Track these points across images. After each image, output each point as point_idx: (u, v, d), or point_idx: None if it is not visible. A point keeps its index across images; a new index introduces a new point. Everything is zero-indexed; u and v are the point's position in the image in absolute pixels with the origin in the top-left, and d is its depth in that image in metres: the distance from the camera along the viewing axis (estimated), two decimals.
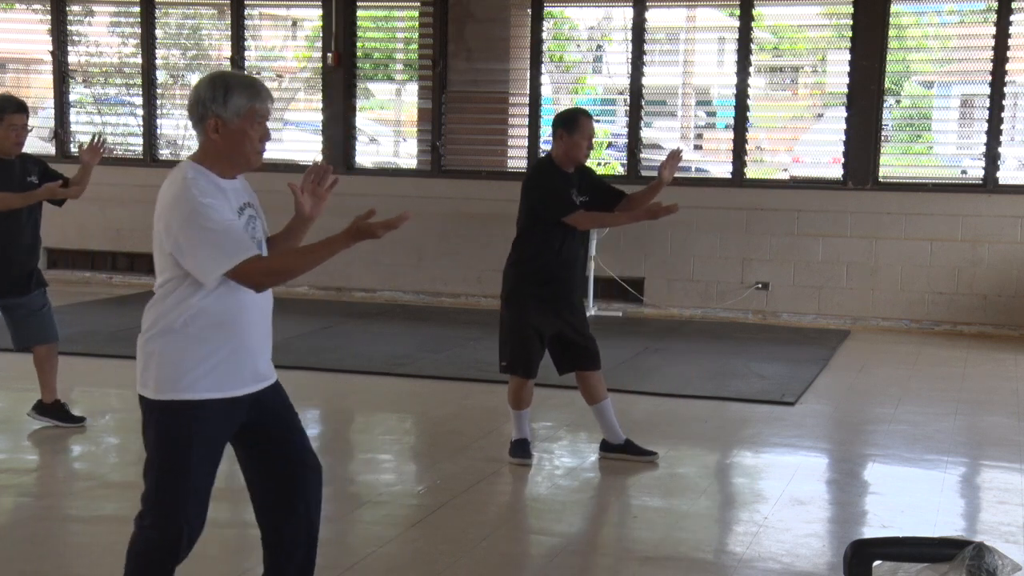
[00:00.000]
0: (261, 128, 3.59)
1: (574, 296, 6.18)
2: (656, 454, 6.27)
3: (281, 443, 3.73)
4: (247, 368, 3.61)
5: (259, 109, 3.56)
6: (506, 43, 11.46)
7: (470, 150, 11.63)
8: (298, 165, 11.99)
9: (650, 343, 9.62)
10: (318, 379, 8.15)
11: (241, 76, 3.65)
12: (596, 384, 6.24)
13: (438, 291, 11.52)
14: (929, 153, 11.69)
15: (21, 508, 5.56)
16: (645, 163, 11.11)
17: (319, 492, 3.78)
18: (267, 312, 3.74)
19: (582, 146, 6.00)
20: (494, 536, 5.17)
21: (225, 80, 3.56)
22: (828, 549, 5.04)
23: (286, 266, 3.61)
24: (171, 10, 12.47)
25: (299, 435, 3.78)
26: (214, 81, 3.56)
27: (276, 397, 3.74)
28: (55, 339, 6.66)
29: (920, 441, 6.83)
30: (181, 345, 3.51)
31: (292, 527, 3.74)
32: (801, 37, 11.97)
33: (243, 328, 3.58)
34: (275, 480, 3.72)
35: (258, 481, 3.74)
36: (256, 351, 3.65)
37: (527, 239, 6.06)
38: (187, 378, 3.51)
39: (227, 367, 3.56)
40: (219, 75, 3.61)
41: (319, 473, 3.78)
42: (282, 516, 3.73)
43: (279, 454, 3.72)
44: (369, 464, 6.42)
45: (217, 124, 3.52)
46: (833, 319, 10.63)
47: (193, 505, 3.58)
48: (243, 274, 3.46)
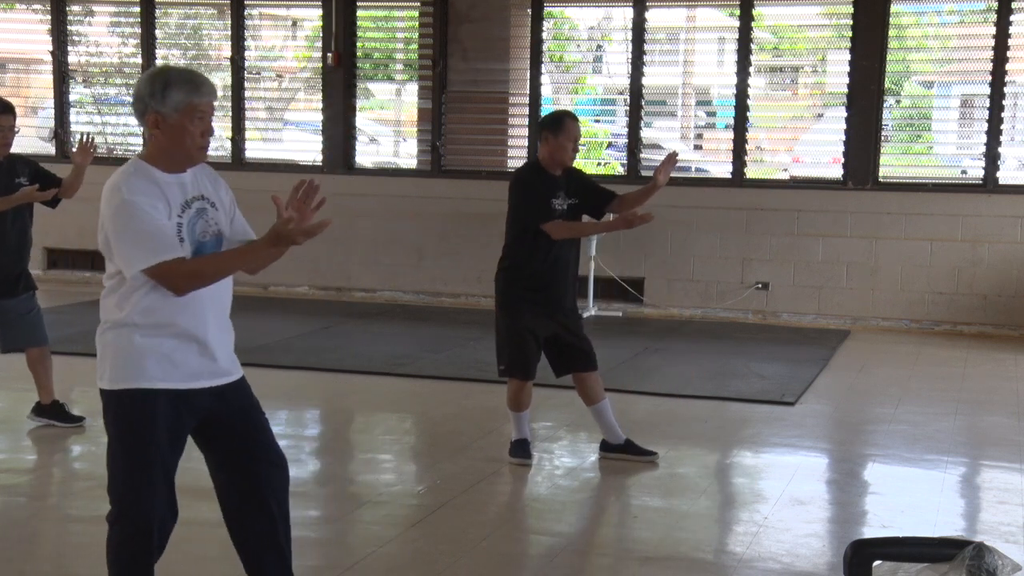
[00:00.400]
0: (202, 123, 3.58)
1: (566, 299, 6.15)
2: (656, 454, 6.27)
3: (245, 439, 3.74)
4: (198, 361, 3.61)
5: (198, 104, 3.55)
6: (506, 43, 11.46)
7: (470, 150, 11.63)
8: (298, 165, 12.02)
9: (650, 343, 9.62)
10: (318, 379, 8.15)
11: (181, 71, 3.64)
12: (593, 385, 6.23)
13: (438, 291, 11.52)
14: (929, 153, 11.69)
15: (21, 508, 5.56)
16: (645, 163, 11.10)
17: (286, 488, 3.80)
18: (221, 307, 3.71)
19: (567, 148, 5.98)
20: (494, 536, 5.17)
21: (164, 75, 3.58)
22: (828, 549, 5.04)
23: (205, 270, 3.57)
24: (171, 10, 12.47)
25: (264, 433, 3.78)
26: (153, 77, 3.58)
27: (240, 394, 3.74)
28: (44, 343, 6.62)
29: (920, 441, 6.83)
30: (131, 337, 3.54)
31: (261, 525, 3.75)
32: (801, 37, 11.97)
33: (191, 322, 3.59)
34: (241, 476, 3.73)
35: (224, 479, 3.76)
36: (210, 345, 3.64)
37: (518, 244, 6.05)
38: (138, 368, 3.54)
39: (176, 358, 3.58)
40: (159, 70, 3.63)
41: (285, 470, 3.79)
42: (249, 513, 3.75)
43: (243, 450, 3.73)
44: (369, 464, 6.42)
45: (157, 119, 3.55)
46: (833, 319, 10.63)
47: (156, 495, 3.59)
48: (162, 275, 3.48)
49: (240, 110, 12.02)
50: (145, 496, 3.59)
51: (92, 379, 3.70)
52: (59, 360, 6.94)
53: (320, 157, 11.82)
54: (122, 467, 3.61)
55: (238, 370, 3.76)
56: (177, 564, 4.45)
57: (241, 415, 3.74)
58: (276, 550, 3.80)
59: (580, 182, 6.16)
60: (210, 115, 3.61)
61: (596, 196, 6.18)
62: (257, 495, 3.73)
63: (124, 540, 3.64)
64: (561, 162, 6.02)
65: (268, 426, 3.82)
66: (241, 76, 11.99)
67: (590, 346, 6.22)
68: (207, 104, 3.58)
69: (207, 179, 3.71)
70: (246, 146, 12.13)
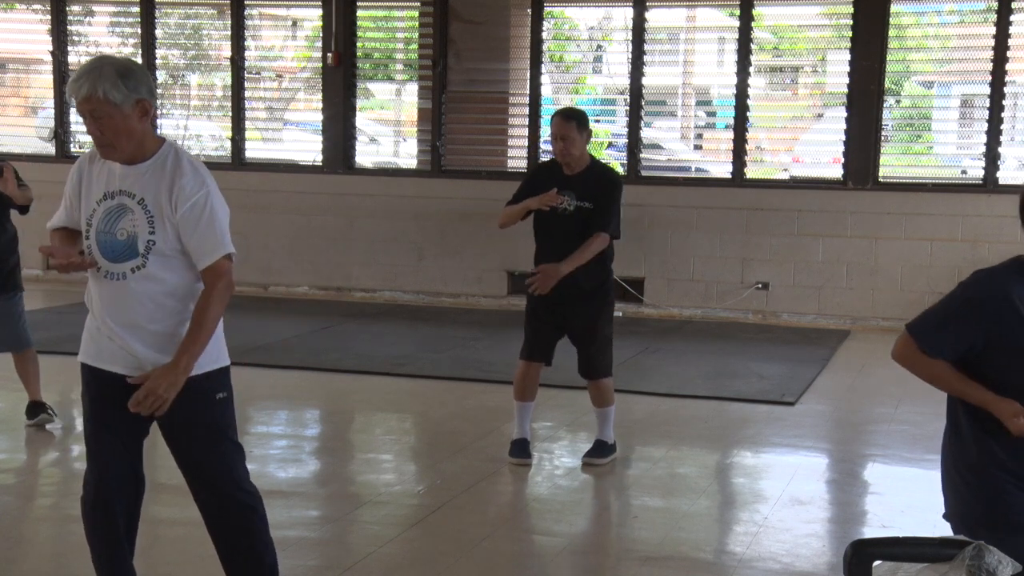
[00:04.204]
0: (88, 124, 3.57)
1: (566, 296, 5.94)
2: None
3: (169, 441, 3.80)
4: (111, 347, 3.67)
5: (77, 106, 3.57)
6: (506, 43, 11.46)
7: (470, 150, 11.63)
8: (298, 165, 12.02)
9: (650, 343, 9.62)
10: (318, 379, 8.15)
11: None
12: (594, 393, 6.23)
13: (438, 291, 11.52)
14: (929, 153, 11.69)
15: (21, 508, 5.56)
16: (645, 163, 11.10)
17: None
18: (128, 300, 3.62)
19: (553, 145, 6.02)
20: (494, 536, 5.17)
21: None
22: (828, 549, 5.04)
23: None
24: (171, 10, 12.46)
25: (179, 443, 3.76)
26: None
27: (175, 403, 3.61)
28: (26, 347, 6.57)
29: (920, 441, 6.82)
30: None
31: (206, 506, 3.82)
32: (801, 37, 11.98)
33: (98, 306, 3.69)
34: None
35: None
36: (122, 335, 3.64)
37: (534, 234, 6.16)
38: (81, 343, 3.79)
39: (91, 338, 3.76)
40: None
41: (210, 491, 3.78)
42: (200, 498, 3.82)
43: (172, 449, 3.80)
44: (369, 464, 6.42)
45: None
46: (833, 319, 10.63)
47: (93, 458, 3.77)
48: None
49: (240, 110, 12.01)
50: (89, 458, 3.83)
51: None
52: (59, 360, 6.94)
53: (320, 157, 11.81)
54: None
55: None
56: (177, 564, 4.45)
57: (166, 417, 3.69)
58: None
59: (599, 191, 5.95)
60: (87, 117, 3.52)
61: (593, 216, 5.94)
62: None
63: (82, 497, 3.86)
64: (557, 158, 6.05)
65: (189, 437, 3.78)
66: (241, 76, 11.98)
67: (594, 352, 6.12)
68: (78, 106, 3.53)
69: (157, 180, 3.57)
70: (246, 146, 12.12)
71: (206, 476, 3.76)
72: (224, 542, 3.79)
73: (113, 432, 3.73)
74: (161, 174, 3.57)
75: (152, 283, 3.59)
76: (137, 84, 3.51)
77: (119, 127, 3.50)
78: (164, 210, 3.55)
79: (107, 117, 3.48)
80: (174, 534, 3.88)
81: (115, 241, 3.58)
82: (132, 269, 3.58)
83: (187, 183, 3.55)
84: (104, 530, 3.78)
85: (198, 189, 3.55)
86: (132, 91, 3.49)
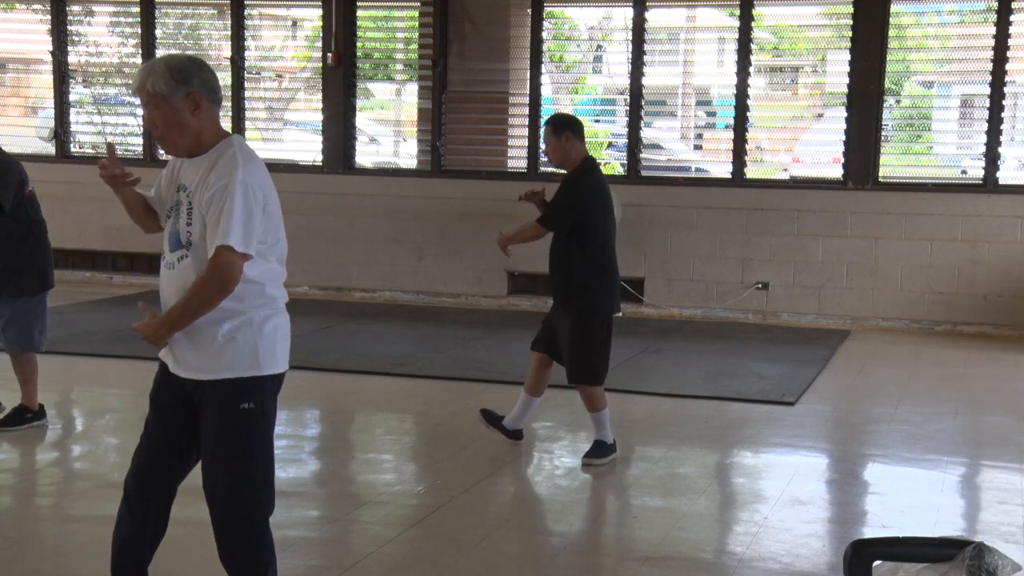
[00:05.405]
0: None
1: (557, 297, 6.26)
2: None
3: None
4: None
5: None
6: (506, 43, 11.46)
7: (470, 150, 11.63)
8: (298, 165, 12.02)
9: (650, 343, 9.62)
10: (318, 379, 8.15)
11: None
12: (582, 398, 6.27)
13: (438, 291, 11.52)
14: (929, 153, 11.69)
15: (21, 508, 5.56)
16: (645, 163, 11.10)
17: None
18: (173, 289, 3.64)
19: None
20: (494, 536, 5.17)
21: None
22: (828, 549, 5.04)
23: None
24: (171, 10, 12.47)
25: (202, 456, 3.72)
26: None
27: (204, 403, 3.64)
28: (22, 352, 6.53)
29: (920, 441, 6.83)
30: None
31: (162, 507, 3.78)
32: (801, 37, 11.98)
33: (161, 297, 3.72)
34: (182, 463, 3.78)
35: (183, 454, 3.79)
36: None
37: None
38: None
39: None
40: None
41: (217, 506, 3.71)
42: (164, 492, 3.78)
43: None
44: (369, 464, 6.42)
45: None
46: (833, 319, 10.63)
47: (136, 457, 3.74)
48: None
49: (240, 110, 12.01)
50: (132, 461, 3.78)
51: (92, 379, 3.73)
52: (59, 360, 6.94)
53: (320, 157, 11.81)
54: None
55: (193, 372, 3.65)
56: (177, 564, 4.45)
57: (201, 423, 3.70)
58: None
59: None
60: (144, 110, 3.62)
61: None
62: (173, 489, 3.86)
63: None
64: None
65: (208, 451, 3.75)
66: (241, 76, 11.98)
67: (570, 359, 6.15)
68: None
69: (202, 173, 3.58)
70: None
71: (213, 495, 3.65)
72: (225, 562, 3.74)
73: (154, 433, 3.76)
74: (206, 167, 3.58)
75: (191, 274, 3.57)
76: (187, 77, 3.54)
77: (170, 120, 3.55)
78: (199, 201, 3.56)
79: (157, 109, 3.55)
80: (175, 534, 3.88)
81: (172, 232, 3.65)
82: (179, 259, 3.62)
83: (214, 174, 3.52)
84: (119, 527, 3.73)
85: (220, 179, 3.50)
86: (181, 84, 3.53)
